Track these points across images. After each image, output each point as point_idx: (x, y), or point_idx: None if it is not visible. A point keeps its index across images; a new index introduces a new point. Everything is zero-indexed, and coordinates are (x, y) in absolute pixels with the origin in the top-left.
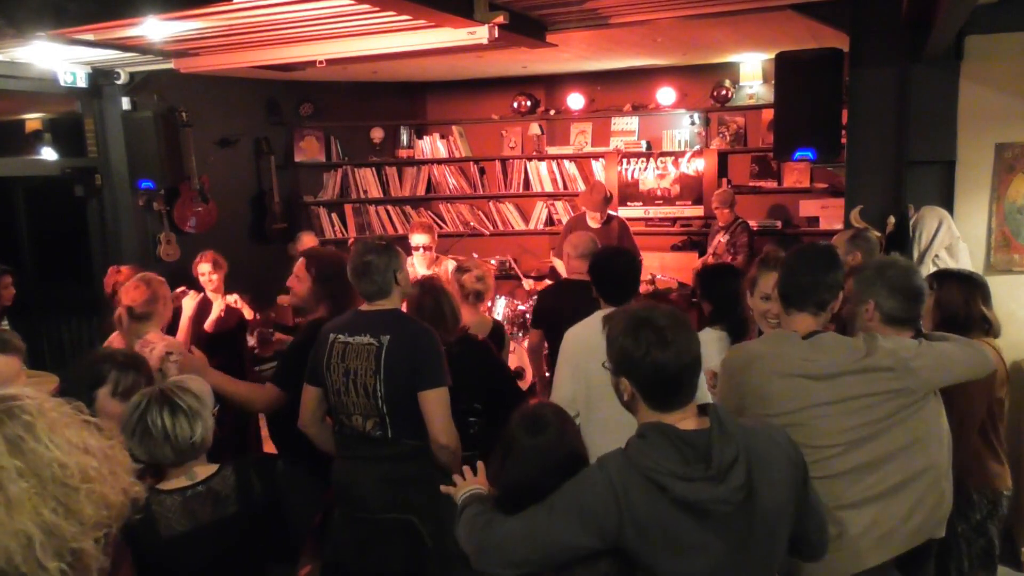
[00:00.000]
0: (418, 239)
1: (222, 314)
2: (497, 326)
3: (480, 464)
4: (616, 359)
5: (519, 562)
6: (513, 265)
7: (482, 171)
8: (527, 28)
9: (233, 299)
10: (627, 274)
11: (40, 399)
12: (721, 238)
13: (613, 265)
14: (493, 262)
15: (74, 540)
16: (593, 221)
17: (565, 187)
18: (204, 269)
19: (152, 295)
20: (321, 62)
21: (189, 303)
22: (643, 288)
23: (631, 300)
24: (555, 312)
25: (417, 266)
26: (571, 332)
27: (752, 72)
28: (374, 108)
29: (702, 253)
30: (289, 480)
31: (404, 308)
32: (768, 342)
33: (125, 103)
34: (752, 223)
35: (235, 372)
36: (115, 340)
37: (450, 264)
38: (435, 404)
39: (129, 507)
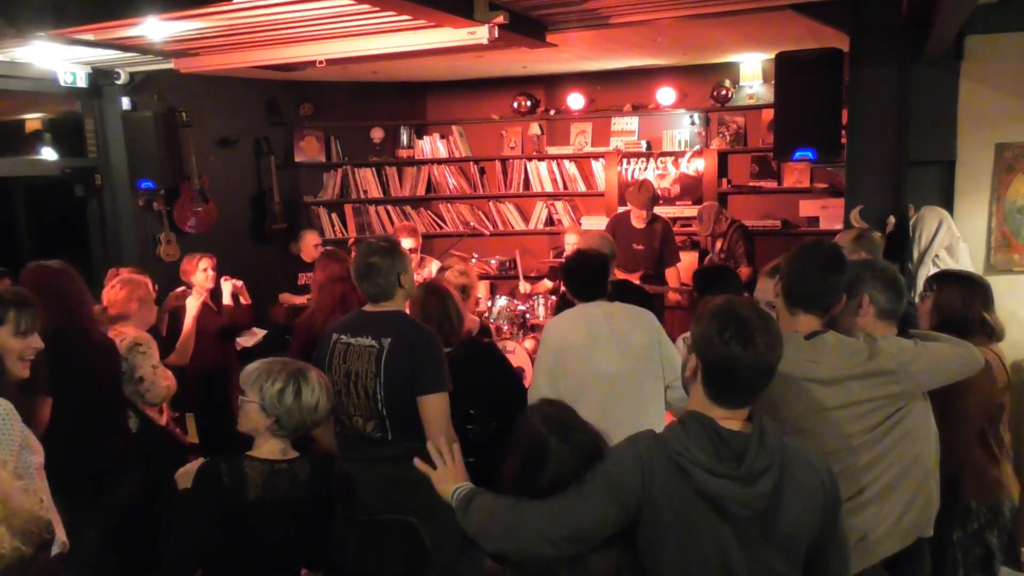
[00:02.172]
0: (404, 243)
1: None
2: (484, 327)
3: (457, 448)
4: (697, 337)
5: (553, 539)
6: (518, 262)
7: (482, 171)
8: (527, 28)
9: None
10: (597, 277)
11: None
12: (719, 246)
13: (585, 268)
14: (493, 262)
15: None
16: (638, 221)
17: (565, 187)
18: (205, 264)
19: (128, 297)
20: (321, 62)
21: (193, 303)
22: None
23: (600, 297)
24: None
25: None
26: (552, 324)
27: (752, 72)
28: (374, 108)
29: (703, 255)
30: None
31: (408, 310)
32: None
33: (125, 103)
34: (752, 223)
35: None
36: None
37: (435, 266)
38: (434, 409)
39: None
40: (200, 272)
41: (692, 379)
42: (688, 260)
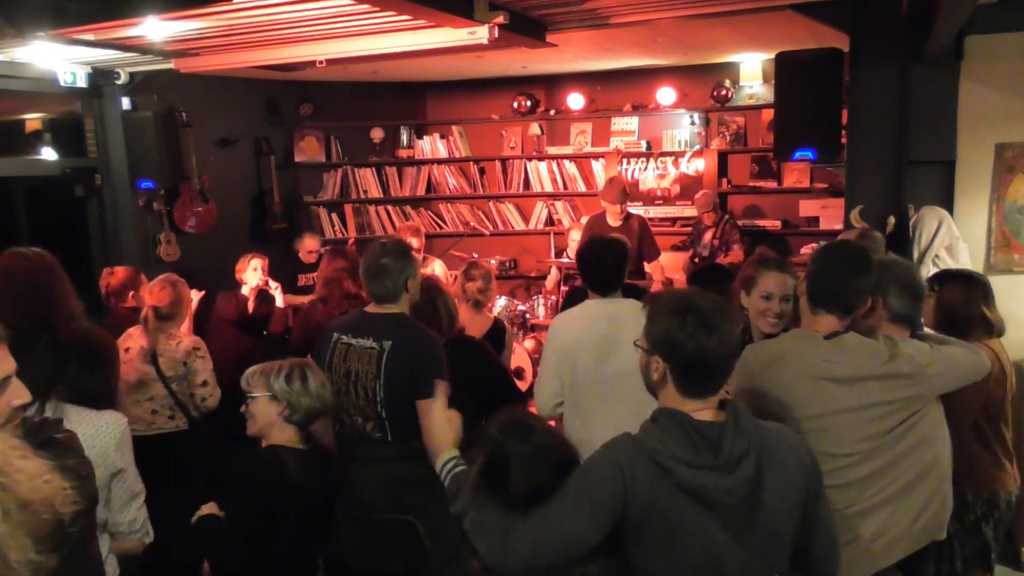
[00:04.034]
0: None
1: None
2: (497, 325)
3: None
4: (657, 339)
5: (540, 551)
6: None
7: (482, 171)
8: (527, 28)
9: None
10: (617, 266)
11: None
12: (712, 236)
13: (605, 257)
14: (493, 262)
15: None
16: (613, 218)
17: (565, 187)
18: (256, 264)
19: (176, 296)
20: (321, 62)
21: None
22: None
23: (618, 290)
24: None
25: None
26: (559, 319)
27: (752, 72)
28: (374, 108)
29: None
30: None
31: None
32: (789, 341)
33: (125, 103)
34: (752, 223)
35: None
36: (126, 339)
37: (437, 265)
38: (433, 414)
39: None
40: (251, 271)
41: (661, 383)
42: (686, 259)
